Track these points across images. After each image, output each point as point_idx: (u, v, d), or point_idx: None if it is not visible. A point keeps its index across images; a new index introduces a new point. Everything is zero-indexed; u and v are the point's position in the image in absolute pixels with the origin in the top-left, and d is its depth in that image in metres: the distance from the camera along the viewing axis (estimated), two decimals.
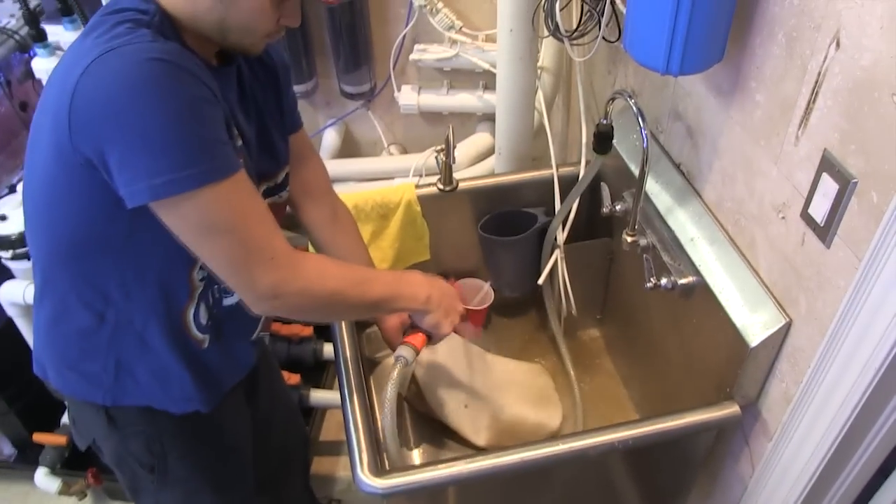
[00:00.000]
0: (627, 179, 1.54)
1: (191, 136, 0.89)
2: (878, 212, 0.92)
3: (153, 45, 0.90)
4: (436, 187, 1.72)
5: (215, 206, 0.92)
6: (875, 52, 0.89)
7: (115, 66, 0.87)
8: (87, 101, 0.88)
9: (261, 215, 0.98)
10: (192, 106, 0.89)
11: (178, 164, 0.88)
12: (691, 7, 1.04)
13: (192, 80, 0.90)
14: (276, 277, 0.98)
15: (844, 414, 1.05)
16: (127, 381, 1.12)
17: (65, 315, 1.09)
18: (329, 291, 1.06)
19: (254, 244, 0.97)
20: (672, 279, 1.35)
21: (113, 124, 0.87)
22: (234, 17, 0.98)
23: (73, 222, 1.00)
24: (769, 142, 1.14)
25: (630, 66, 1.63)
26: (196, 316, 1.11)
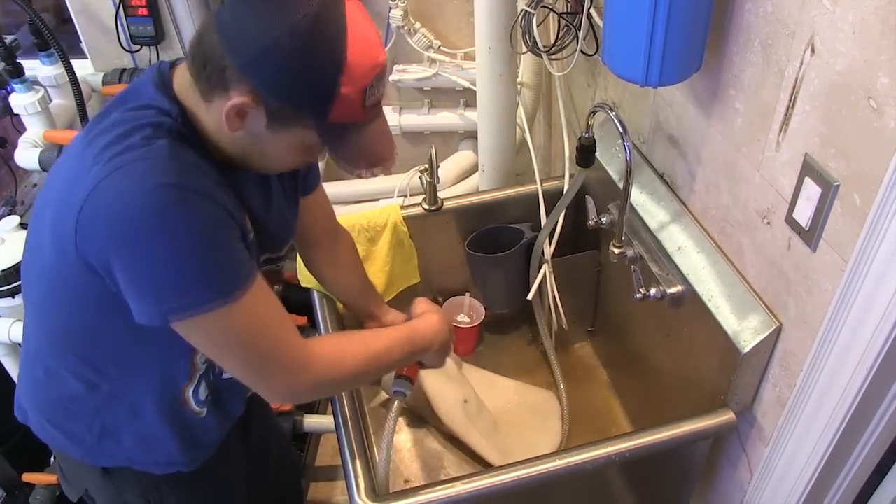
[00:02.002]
0: (612, 191, 1.55)
1: (200, 263, 0.87)
2: (862, 213, 0.93)
3: (168, 163, 0.86)
4: (421, 207, 1.71)
5: (232, 324, 0.91)
6: (849, 57, 0.90)
7: (125, 189, 0.84)
8: (95, 221, 0.86)
9: (275, 321, 0.96)
10: (204, 233, 0.87)
11: (186, 290, 0.87)
12: (667, 18, 1.05)
13: (204, 204, 0.87)
14: (291, 381, 0.98)
15: (839, 415, 1.05)
16: (109, 443, 1.09)
17: (53, 380, 1.06)
18: (345, 377, 1.05)
19: (267, 355, 0.96)
20: (661, 289, 1.35)
21: (120, 249, 0.85)
22: (257, 158, 0.97)
23: (72, 313, 0.98)
24: (751, 148, 1.15)
25: (609, 78, 1.64)
26: (195, 393, 1.10)
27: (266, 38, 0.84)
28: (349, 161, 0.95)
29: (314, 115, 0.89)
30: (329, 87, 0.86)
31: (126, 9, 2.17)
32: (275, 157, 0.97)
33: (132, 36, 2.23)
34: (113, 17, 2.18)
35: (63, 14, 2.30)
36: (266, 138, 0.92)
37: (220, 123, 0.91)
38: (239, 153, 0.96)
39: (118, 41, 2.23)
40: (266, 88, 0.87)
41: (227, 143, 0.95)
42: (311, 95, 0.87)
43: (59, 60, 2.02)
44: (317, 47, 0.85)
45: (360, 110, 0.90)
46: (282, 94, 0.87)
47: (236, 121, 0.89)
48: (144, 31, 2.21)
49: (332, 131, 0.91)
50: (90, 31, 2.27)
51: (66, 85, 2.08)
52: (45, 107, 2.03)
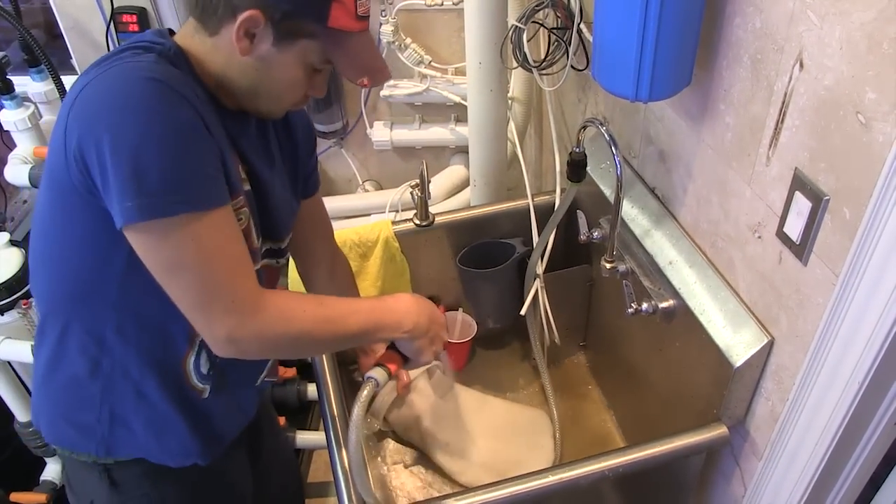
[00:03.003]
0: (603, 206, 1.55)
1: (175, 162, 0.87)
2: (852, 228, 0.94)
3: (155, 66, 0.91)
4: (412, 223, 1.71)
5: (184, 239, 0.90)
6: (837, 72, 0.91)
7: (112, 82, 0.88)
8: (82, 113, 0.88)
9: (231, 256, 0.95)
10: (181, 132, 0.88)
11: (154, 188, 0.86)
12: (657, 34, 1.05)
13: (185, 106, 0.89)
14: (232, 322, 0.94)
15: (832, 428, 1.05)
16: (122, 432, 1.09)
17: (60, 360, 1.06)
18: (294, 333, 1.01)
19: (214, 286, 0.93)
20: (653, 303, 1.35)
21: (102, 136, 0.86)
22: (266, 85, 1.01)
23: (71, 260, 0.99)
24: (741, 163, 1.15)
25: (600, 92, 1.65)
26: (196, 365, 1.08)
27: None
28: (350, 69, 1.02)
29: (315, 19, 0.95)
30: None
31: (117, 24, 2.17)
32: (283, 81, 1.01)
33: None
34: (104, 32, 2.18)
35: (53, 30, 2.30)
36: (274, 60, 0.97)
37: (230, 54, 0.97)
38: (249, 84, 1.00)
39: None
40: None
41: (237, 75, 0.99)
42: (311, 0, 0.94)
43: (50, 76, 2.02)
44: None
45: (353, 18, 0.97)
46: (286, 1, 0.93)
47: (245, 42, 0.95)
48: None
49: (331, 38, 0.97)
50: (81, 46, 2.27)
51: (56, 101, 2.08)
52: (36, 123, 2.03)
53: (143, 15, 2.17)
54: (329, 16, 0.95)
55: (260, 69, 0.98)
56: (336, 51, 0.99)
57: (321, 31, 0.96)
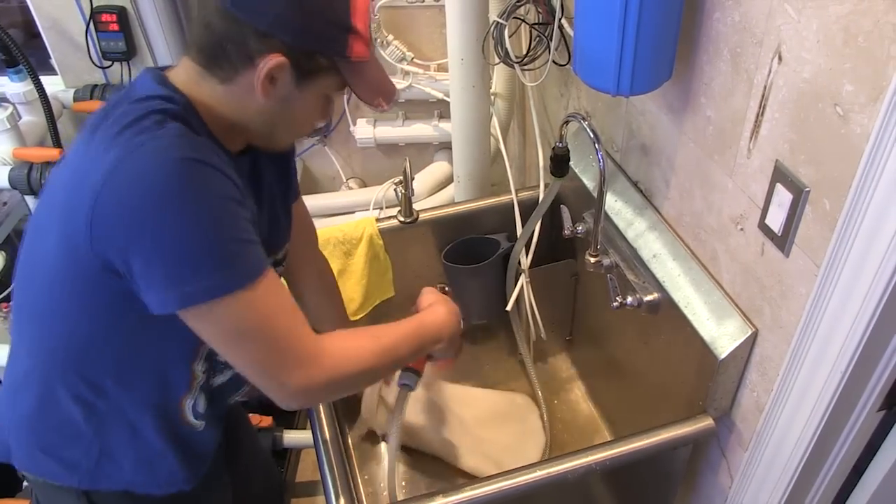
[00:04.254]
0: (587, 200, 1.56)
1: (223, 241, 0.87)
2: (832, 219, 0.94)
3: (183, 140, 0.88)
4: (396, 220, 1.71)
5: (247, 311, 0.90)
6: (815, 65, 0.92)
7: (143, 168, 0.84)
8: (115, 206, 0.84)
9: (287, 310, 0.95)
10: (224, 209, 0.87)
11: (210, 271, 0.86)
12: (637, 28, 1.06)
13: (222, 180, 0.88)
14: (304, 375, 0.95)
15: (816, 417, 1.06)
16: (108, 466, 1.06)
17: (51, 407, 1.03)
18: (358, 372, 1.02)
19: (280, 347, 0.93)
20: (637, 297, 1.36)
21: (142, 231, 0.84)
22: (284, 123, 1.01)
23: (77, 320, 0.96)
24: (722, 156, 1.16)
25: (582, 87, 1.65)
26: (194, 405, 1.08)
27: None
28: (367, 93, 1.02)
29: (337, 54, 0.95)
30: (345, 23, 0.94)
31: (97, 24, 2.15)
32: (302, 117, 1.02)
33: (103, 51, 2.21)
34: (83, 32, 2.16)
35: (32, 29, 2.27)
36: (294, 99, 0.97)
37: (244, 101, 0.95)
38: (267, 125, 1.00)
39: (89, 57, 2.21)
40: (292, 40, 0.91)
41: (253, 118, 0.98)
42: (333, 36, 0.94)
43: (29, 77, 2.00)
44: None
45: (367, 45, 0.98)
46: (307, 40, 0.92)
47: (269, 87, 0.93)
48: (116, 47, 2.20)
49: (350, 69, 0.97)
50: (60, 46, 2.25)
51: (35, 102, 2.06)
52: (15, 124, 2.01)
53: (123, 14, 2.15)
54: (350, 48, 0.95)
55: (280, 110, 0.98)
56: (355, 79, 0.99)
57: (342, 63, 0.96)
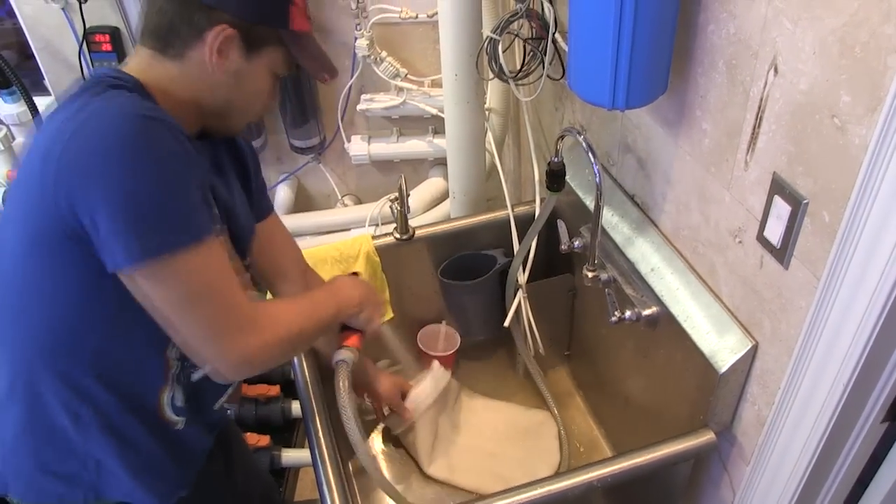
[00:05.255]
0: (583, 214, 1.55)
1: (178, 196, 0.89)
2: (831, 230, 0.94)
3: (138, 101, 0.92)
4: (393, 236, 1.71)
5: (197, 271, 0.92)
6: (811, 77, 0.92)
7: (100, 125, 0.87)
8: (76, 161, 0.86)
9: (229, 277, 0.97)
10: (178, 165, 0.89)
11: (166, 225, 0.88)
12: (632, 42, 1.06)
13: (179, 139, 0.91)
14: (244, 342, 0.97)
15: (819, 430, 1.05)
16: (109, 477, 1.06)
17: (38, 416, 1.03)
18: (291, 334, 1.05)
19: (225, 311, 0.95)
20: (636, 311, 1.35)
21: (100, 183, 0.86)
22: (238, 99, 1.05)
23: (52, 312, 0.97)
24: (719, 168, 1.15)
25: (577, 101, 1.65)
26: (171, 399, 1.08)
27: None
28: (314, 68, 1.09)
29: (279, 24, 1.01)
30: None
31: (90, 44, 2.15)
32: (254, 92, 1.06)
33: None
34: (76, 52, 2.16)
35: (26, 50, 2.27)
36: (245, 72, 1.01)
37: (197, 78, 1.00)
38: (222, 102, 1.04)
39: (82, 77, 2.21)
40: (237, 12, 0.97)
41: (208, 95, 1.02)
42: (274, 7, 1.00)
43: (22, 98, 2.00)
44: None
45: (305, 19, 1.05)
46: (251, 12, 0.98)
47: (218, 59, 0.98)
48: None
49: (293, 41, 1.04)
50: (53, 67, 2.25)
51: (29, 123, 2.06)
52: (9, 146, 2.01)
53: (116, 34, 2.15)
54: (290, 19, 1.01)
55: (232, 84, 1.02)
56: (299, 52, 1.05)
57: (284, 34, 1.02)
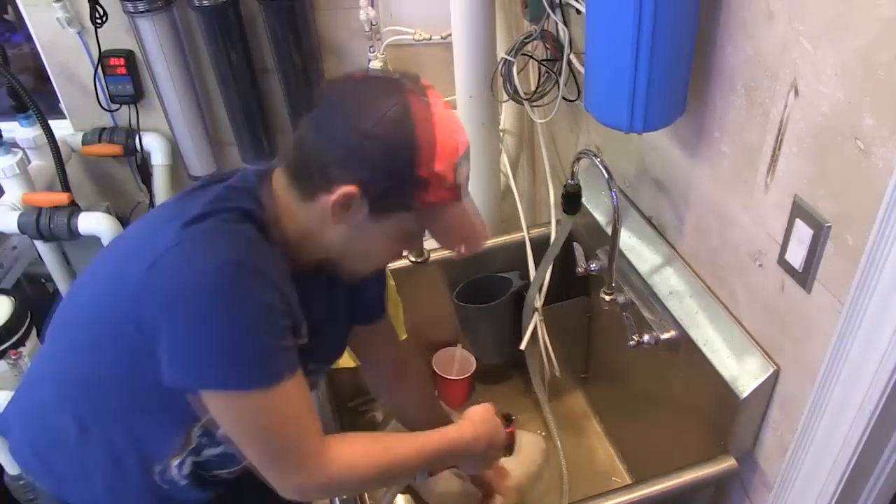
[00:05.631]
0: (600, 237, 1.54)
1: (249, 343, 0.89)
2: (856, 254, 0.92)
3: (243, 244, 0.92)
4: (408, 259, 1.70)
5: (255, 412, 0.92)
6: (833, 99, 0.90)
7: (194, 258, 0.89)
8: (159, 280, 0.89)
9: (301, 419, 0.96)
10: (260, 316, 0.90)
11: (229, 365, 0.89)
12: (650, 65, 1.05)
13: (267, 288, 0.90)
14: (300, 478, 0.97)
15: (845, 458, 1.03)
16: (80, 485, 1.07)
17: (53, 413, 1.05)
18: (358, 482, 1.03)
19: (286, 449, 0.95)
20: (654, 335, 1.33)
21: (174, 313, 0.88)
22: (357, 250, 1.01)
23: (99, 362, 0.99)
24: (738, 191, 1.14)
25: (592, 123, 1.65)
26: (181, 465, 1.08)
27: (361, 130, 0.91)
28: (446, 238, 1.03)
29: (412, 197, 0.94)
30: (424, 168, 0.92)
31: (105, 68, 2.17)
32: (375, 248, 1.02)
33: (111, 95, 2.22)
34: (91, 76, 2.18)
35: (43, 74, 2.29)
36: (367, 229, 0.97)
37: (322, 221, 0.96)
38: (339, 249, 1.01)
39: (97, 100, 2.22)
40: (367, 176, 0.92)
41: (326, 239, 0.99)
42: (408, 178, 0.93)
43: (38, 122, 2.01)
44: (408, 132, 0.91)
45: (450, 188, 0.96)
46: (381, 179, 0.93)
47: (341, 213, 0.94)
48: (123, 90, 2.21)
49: (428, 211, 0.96)
50: (69, 90, 2.26)
51: (44, 146, 2.07)
52: (24, 169, 2.01)
53: (131, 58, 2.17)
54: (426, 193, 0.94)
55: (353, 237, 0.98)
56: (432, 222, 1.00)
57: (419, 205, 0.96)
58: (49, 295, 2.59)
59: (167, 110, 2.21)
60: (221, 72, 2.12)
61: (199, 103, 2.24)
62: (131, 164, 2.41)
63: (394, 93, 0.93)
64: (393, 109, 0.91)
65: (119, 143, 2.27)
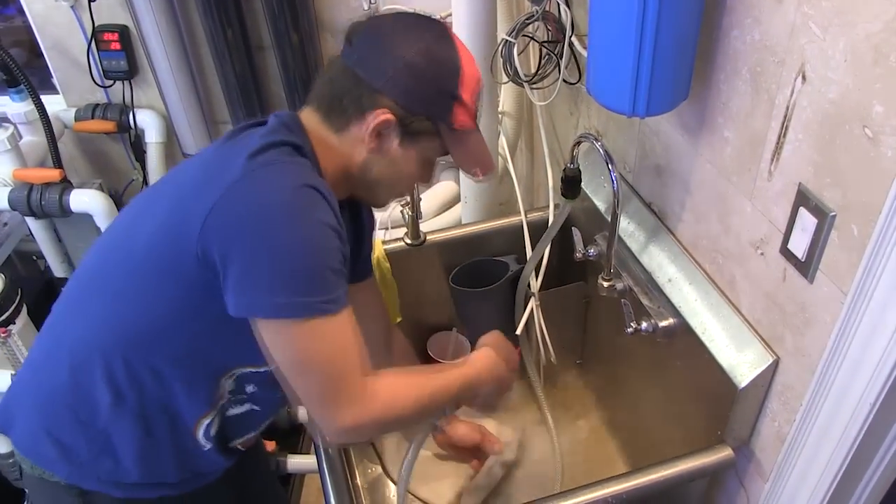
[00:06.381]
0: (598, 222, 1.52)
1: (320, 266, 0.92)
2: (860, 244, 0.91)
3: (307, 171, 0.98)
4: (403, 242, 1.68)
5: (318, 341, 0.94)
6: (842, 85, 0.88)
7: (269, 183, 0.93)
8: (234, 206, 0.91)
9: (353, 351, 0.98)
10: (327, 237, 0.93)
11: (300, 290, 0.91)
12: (654, 48, 1.02)
13: (330, 212, 0.95)
14: (354, 413, 0.98)
15: (843, 450, 1.02)
16: (105, 461, 1.06)
17: (79, 387, 1.04)
18: (405, 413, 1.05)
19: (340, 381, 0.97)
20: (652, 322, 1.32)
21: (250, 236, 0.90)
22: (387, 178, 1.08)
23: (147, 310, 1.00)
24: (741, 178, 1.12)
25: (593, 106, 1.62)
26: (207, 427, 1.09)
27: (398, 58, 0.99)
28: (466, 162, 1.11)
29: (442, 121, 1.03)
30: (452, 93, 1.02)
31: (98, 43, 2.13)
32: (403, 175, 1.09)
33: (105, 70, 2.19)
34: (85, 51, 2.15)
35: (36, 49, 2.26)
36: (397, 156, 1.05)
37: (352, 151, 1.04)
38: (371, 178, 1.07)
39: (90, 76, 2.19)
40: (402, 101, 1.01)
41: (359, 170, 1.06)
42: (439, 102, 1.02)
43: (30, 97, 1.98)
44: (440, 61, 1.01)
45: (472, 117, 1.06)
46: (415, 103, 1.01)
47: (375, 140, 1.02)
48: (117, 66, 2.18)
49: (452, 136, 1.06)
50: (62, 65, 2.23)
51: (36, 122, 2.05)
52: (15, 144, 1.99)
53: (125, 33, 2.14)
54: (454, 117, 1.03)
55: (384, 164, 1.05)
56: (456, 147, 1.07)
57: (444, 129, 1.04)
58: (40, 272, 2.57)
59: (162, 87, 2.18)
60: (217, 48, 2.09)
61: (195, 80, 2.21)
62: (125, 141, 2.38)
63: (429, 25, 1.03)
64: (433, 38, 1.00)
65: (112, 120, 2.24)
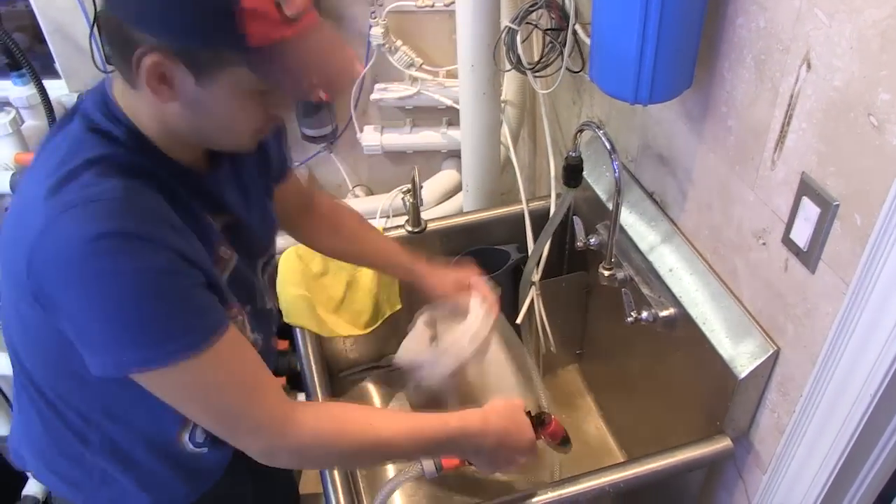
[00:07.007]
0: (600, 211, 1.51)
1: (153, 315, 0.80)
2: (863, 234, 0.90)
3: (120, 207, 0.79)
4: (404, 229, 1.67)
5: (190, 378, 0.85)
6: (847, 73, 0.87)
7: (71, 235, 0.77)
8: (45, 266, 0.79)
9: (243, 380, 0.90)
10: (156, 282, 0.80)
11: (140, 342, 0.81)
12: (658, 35, 1.02)
13: (157, 252, 0.80)
14: (261, 443, 0.91)
15: (842, 442, 1.02)
16: (111, 491, 1.04)
17: (52, 431, 1.01)
18: (334, 457, 0.99)
19: (231, 414, 0.89)
20: (653, 312, 1.31)
21: (69, 296, 0.79)
22: (208, 125, 0.87)
23: (45, 357, 0.93)
24: (744, 167, 1.11)
25: (595, 94, 1.61)
26: (192, 436, 1.03)
27: None
28: (297, 87, 0.83)
29: (229, 45, 0.76)
30: (226, 7, 0.74)
31: (101, 28, 2.12)
32: (225, 117, 0.85)
33: (107, 56, 2.18)
34: (87, 36, 2.13)
35: (39, 33, 2.25)
36: (204, 99, 0.82)
37: (157, 105, 0.82)
38: (190, 129, 0.87)
39: (93, 61, 2.18)
40: (164, 34, 0.76)
41: (173, 123, 0.86)
42: (212, 23, 0.75)
43: (32, 81, 1.97)
44: None
45: (280, 23, 0.77)
46: (182, 35, 0.77)
47: (163, 89, 0.80)
48: None
49: (260, 59, 0.78)
50: (64, 50, 2.22)
51: (38, 106, 2.03)
52: (17, 128, 1.98)
53: None
54: (247, 35, 0.75)
55: (194, 111, 0.84)
56: (271, 69, 0.80)
57: (243, 55, 0.78)
58: None
59: None
60: None
61: None
62: None
63: None
64: None
65: None
